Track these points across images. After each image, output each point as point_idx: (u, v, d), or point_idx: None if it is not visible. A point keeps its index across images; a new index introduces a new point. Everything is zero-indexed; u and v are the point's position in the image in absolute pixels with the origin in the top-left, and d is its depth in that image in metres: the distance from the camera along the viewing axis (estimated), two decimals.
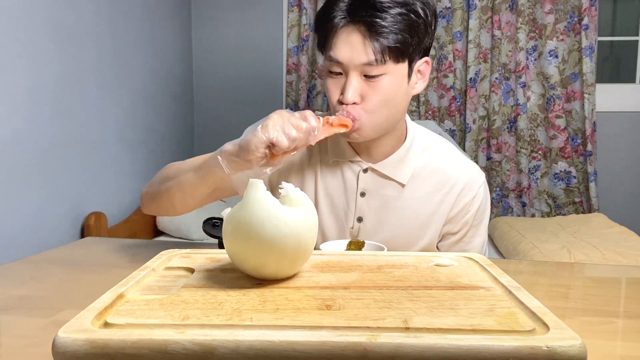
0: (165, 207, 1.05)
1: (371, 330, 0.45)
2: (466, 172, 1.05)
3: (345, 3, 0.92)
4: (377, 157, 1.04)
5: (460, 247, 1.07)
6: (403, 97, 0.97)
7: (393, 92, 0.94)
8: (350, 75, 0.93)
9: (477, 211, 1.05)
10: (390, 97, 0.94)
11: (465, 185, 1.04)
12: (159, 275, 0.62)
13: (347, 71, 0.93)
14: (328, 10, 0.94)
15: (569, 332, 0.44)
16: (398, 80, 0.94)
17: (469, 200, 1.04)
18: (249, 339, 0.43)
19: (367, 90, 0.93)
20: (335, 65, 0.94)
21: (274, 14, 2.83)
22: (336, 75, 0.95)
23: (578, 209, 2.59)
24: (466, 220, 1.05)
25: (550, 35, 2.52)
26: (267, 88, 2.87)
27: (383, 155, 1.04)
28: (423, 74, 1.00)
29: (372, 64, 0.91)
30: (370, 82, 0.93)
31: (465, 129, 2.62)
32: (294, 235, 0.56)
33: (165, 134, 2.60)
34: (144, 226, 2.28)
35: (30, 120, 1.68)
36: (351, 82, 0.93)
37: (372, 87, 0.93)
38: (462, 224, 1.05)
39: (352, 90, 0.92)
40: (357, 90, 0.93)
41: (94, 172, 2.02)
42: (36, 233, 1.71)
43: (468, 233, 1.06)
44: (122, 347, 0.43)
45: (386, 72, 0.92)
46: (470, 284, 0.58)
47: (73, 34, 1.88)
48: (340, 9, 0.92)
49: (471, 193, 1.04)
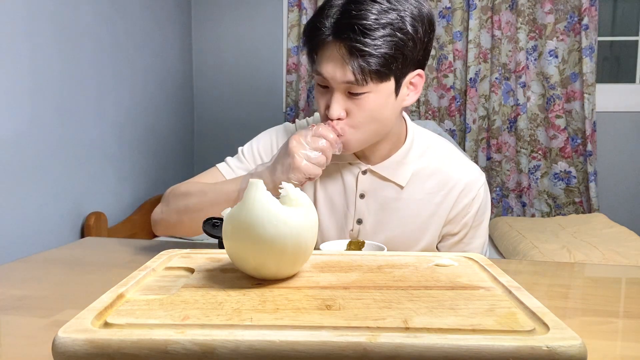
0: (187, 233, 1.05)
1: (371, 330, 0.45)
2: (466, 173, 1.05)
3: (333, 19, 0.90)
4: (376, 159, 1.04)
5: (460, 248, 1.07)
6: (391, 111, 0.96)
7: (378, 108, 0.93)
8: (334, 91, 0.93)
9: (477, 212, 1.05)
10: (376, 113, 0.93)
11: (465, 187, 1.03)
12: (159, 275, 0.62)
13: (332, 87, 0.93)
14: (317, 21, 0.92)
15: (569, 332, 0.44)
16: (383, 98, 0.93)
17: (469, 202, 1.03)
18: (249, 339, 0.43)
19: (351, 106, 0.93)
20: (322, 79, 0.93)
21: (274, 14, 2.83)
22: (323, 88, 0.95)
23: (578, 209, 2.59)
24: (466, 221, 1.04)
25: (550, 35, 2.52)
26: (267, 88, 2.87)
27: (381, 158, 1.04)
28: (415, 86, 0.98)
29: (352, 84, 0.90)
30: (354, 99, 0.92)
31: (465, 129, 2.62)
32: (294, 235, 0.56)
33: (165, 134, 2.60)
34: (144, 226, 2.28)
35: (30, 121, 1.68)
36: (335, 98, 0.92)
37: (356, 104, 0.92)
38: (461, 225, 1.05)
39: (336, 106, 0.92)
40: (342, 107, 0.93)
41: (94, 172, 2.02)
42: (36, 233, 1.71)
43: (468, 234, 1.06)
44: (122, 347, 0.43)
45: (370, 91, 0.91)
46: (470, 284, 0.58)
47: (73, 34, 1.88)
48: (326, 26, 0.90)
49: (471, 194, 1.03)
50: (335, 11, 0.90)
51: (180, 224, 1.03)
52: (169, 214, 1.05)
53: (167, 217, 1.05)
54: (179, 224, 1.04)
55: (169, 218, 1.05)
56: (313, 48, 0.94)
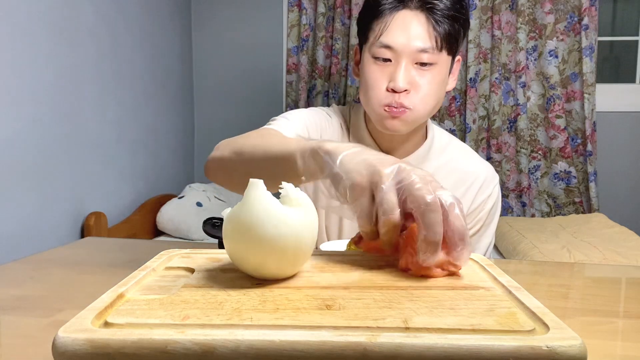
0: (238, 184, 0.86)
1: (371, 330, 0.45)
2: (484, 169, 1.06)
3: None
4: (400, 155, 1.03)
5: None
6: (444, 91, 0.96)
7: (439, 83, 0.93)
8: (401, 62, 0.90)
9: (490, 209, 1.05)
10: (437, 88, 0.93)
11: (484, 182, 1.05)
12: (159, 275, 0.62)
13: (399, 58, 0.91)
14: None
15: (569, 332, 0.44)
16: (444, 72, 0.93)
17: (485, 197, 1.04)
18: (249, 338, 0.43)
19: (417, 79, 0.91)
20: (385, 51, 0.91)
21: (274, 14, 2.83)
22: (383, 61, 0.92)
23: (578, 209, 2.59)
24: (480, 217, 1.05)
25: (550, 35, 2.52)
26: (267, 88, 2.87)
27: (405, 154, 1.03)
28: (454, 72, 1.00)
29: (427, 51, 0.89)
30: (420, 71, 0.91)
31: (465, 129, 2.62)
32: (294, 235, 0.56)
33: (165, 134, 2.60)
34: (144, 226, 2.28)
35: (30, 121, 1.68)
36: (404, 68, 0.90)
37: (422, 75, 0.91)
38: (475, 220, 1.05)
39: (404, 76, 0.90)
40: (410, 77, 0.91)
41: (94, 172, 2.02)
42: (36, 233, 1.71)
43: (479, 231, 1.06)
44: (122, 347, 0.43)
45: (437, 62, 0.91)
46: (470, 284, 0.58)
47: (73, 35, 1.88)
48: None
49: (488, 190, 1.05)
50: None
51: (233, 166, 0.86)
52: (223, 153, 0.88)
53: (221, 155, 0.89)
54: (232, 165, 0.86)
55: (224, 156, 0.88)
56: (375, 20, 0.92)
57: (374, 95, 0.94)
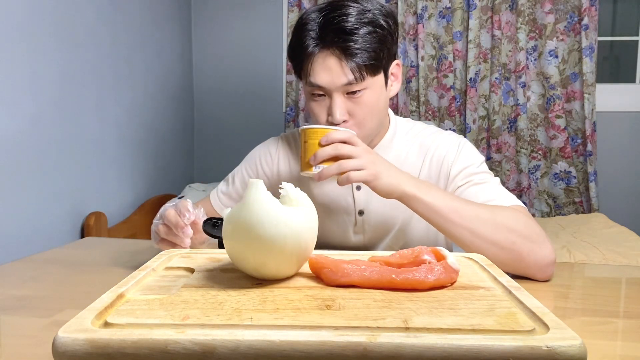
0: None
1: (371, 330, 0.45)
2: (446, 139, 1.09)
3: (315, 30, 0.96)
4: None
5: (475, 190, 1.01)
6: (384, 103, 1.03)
7: (375, 102, 0.99)
8: (333, 96, 0.97)
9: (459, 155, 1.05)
10: (374, 107, 0.99)
11: (440, 146, 1.07)
12: (159, 275, 0.62)
13: (330, 93, 0.97)
14: (299, 38, 0.98)
15: (569, 332, 0.44)
16: (378, 91, 0.99)
17: (445, 153, 1.06)
18: (249, 338, 0.43)
19: (352, 106, 0.98)
20: (317, 89, 0.98)
21: (274, 14, 2.83)
22: (319, 97, 0.99)
23: (578, 209, 2.59)
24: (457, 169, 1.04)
25: (550, 35, 2.52)
26: (267, 88, 2.87)
27: (371, 147, 1.07)
28: (396, 75, 1.05)
29: (352, 83, 0.95)
30: (353, 99, 0.97)
31: (465, 129, 2.62)
32: (294, 235, 0.56)
33: (165, 134, 2.60)
34: (144, 226, 2.28)
35: (30, 121, 1.68)
36: (337, 102, 0.97)
37: (356, 102, 0.97)
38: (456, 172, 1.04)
39: (339, 110, 0.96)
40: (344, 109, 0.97)
41: (94, 172, 2.02)
42: (36, 233, 1.71)
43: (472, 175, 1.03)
44: (122, 347, 0.43)
45: (366, 87, 0.97)
46: (470, 284, 0.58)
47: (73, 35, 1.88)
48: (312, 37, 0.96)
49: (445, 148, 1.06)
50: (315, 24, 0.96)
51: None
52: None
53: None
54: None
55: None
56: (303, 63, 0.98)
57: None
